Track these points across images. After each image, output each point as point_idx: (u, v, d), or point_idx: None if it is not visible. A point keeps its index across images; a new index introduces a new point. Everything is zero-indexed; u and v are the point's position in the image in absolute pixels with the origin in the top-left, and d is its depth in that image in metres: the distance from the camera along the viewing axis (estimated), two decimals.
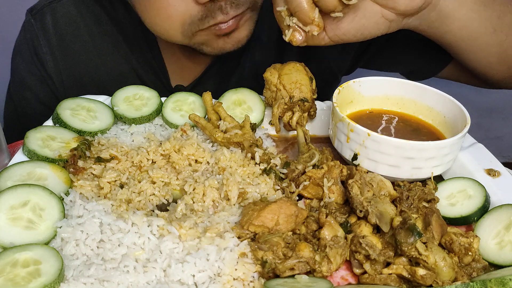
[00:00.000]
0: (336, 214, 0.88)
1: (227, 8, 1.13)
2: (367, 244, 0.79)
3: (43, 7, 1.46)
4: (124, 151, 1.02)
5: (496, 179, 0.98)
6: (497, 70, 1.17)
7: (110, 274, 0.76)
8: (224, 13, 1.14)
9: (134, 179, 0.97)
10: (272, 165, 0.99)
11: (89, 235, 0.82)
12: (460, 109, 1.01)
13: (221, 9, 1.13)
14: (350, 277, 0.82)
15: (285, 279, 0.77)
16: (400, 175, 0.95)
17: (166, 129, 1.15)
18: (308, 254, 0.79)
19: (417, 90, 1.09)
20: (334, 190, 0.93)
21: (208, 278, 0.78)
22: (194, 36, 1.20)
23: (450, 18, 1.05)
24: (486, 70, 1.19)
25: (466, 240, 0.81)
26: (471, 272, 0.80)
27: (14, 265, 0.74)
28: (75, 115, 1.11)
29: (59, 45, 1.46)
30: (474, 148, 1.06)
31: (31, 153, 0.98)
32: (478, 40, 1.10)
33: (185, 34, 1.19)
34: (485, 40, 1.10)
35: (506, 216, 0.85)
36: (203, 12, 1.13)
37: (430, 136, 1.04)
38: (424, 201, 0.89)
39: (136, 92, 1.20)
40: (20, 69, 1.52)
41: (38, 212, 0.84)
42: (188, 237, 0.83)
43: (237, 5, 1.15)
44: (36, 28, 1.45)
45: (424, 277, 0.76)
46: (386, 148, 0.92)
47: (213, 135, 1.06)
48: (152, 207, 0.92)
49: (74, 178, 0.95)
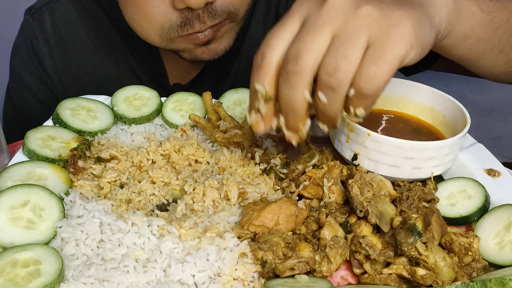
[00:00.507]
0: (336, 214, 0.88)
1: (204, 17, 1.13)
2: (367, 244, 0.79)
3: (42, 7, 1.46)
4: (124, 151, 1.02)
5: (496, 179, 0.98)
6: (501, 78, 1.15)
7: (110, 274, 0.76)
8: (201, 22, 1.14)
9: (134, 179, 0.97)
10: (272, 165, 0.99)
11: (89, 235, 0.82)
12: (460, 109, 1.01)
13: (199, 17, 1.13)
14: (350, 277, 0.82)
15: (285, 279, 0.77)
16: (400, 175, 0.95)
17: (166, 129, 1.15)
18: (308, 254, 0.79)
19: (417, 90, 1.09)
20: (334, 190, 0.93)
21: (208, 278, 0.78)
22: (173, 42, 1.21)
23: (455, 50, 0.99)
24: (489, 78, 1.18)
25: (466, 240, 0.81)
26: (471, 272, 0.80)
27: (14, 265, 0.74)
28: (75, 115, 1.11)
29: (58, 45, 1.47)
30: (474, 148, 1.06)
31: (31, 153, 0.98)
32: (484, 60, 1.04)
33: (163, 38, 1.19)
34: (492, 59, 1.04)
35: (506, 216, 0.85)
36: (182, 19, 1.13)
37: (430, 136, 1.04)
38: (424, 201, 0.89)
39: (136, 92, 1.20)
40: (18, 69, 1.53)
41: (38, 212, 0.84)
42: (188, 237, 0.83)
43: (214, 15, 1.14)
44: (34, 28, 1.46)
45: (424, 277, 0.76)
46: (386, 148, 0.92)
47: (213, 135, 1.06)
48: (152, 207, 0.92)
49: (74, 178, 0.95)
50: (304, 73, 0.73)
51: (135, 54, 1.46)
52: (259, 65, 0.76)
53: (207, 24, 1.15)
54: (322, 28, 0.72)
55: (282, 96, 0.76)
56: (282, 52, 0.75)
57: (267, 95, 0.76)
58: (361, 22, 0.72)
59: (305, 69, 0.72)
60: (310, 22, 0.74)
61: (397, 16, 0.73)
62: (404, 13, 0.74)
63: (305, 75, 0.73)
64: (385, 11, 0.73)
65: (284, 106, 0.76)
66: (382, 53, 0.72)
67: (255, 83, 0.77)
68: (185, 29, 1.15)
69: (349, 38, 0.71)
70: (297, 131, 0.80)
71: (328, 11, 0.73)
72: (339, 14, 0.73)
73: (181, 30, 1.15)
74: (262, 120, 0.79)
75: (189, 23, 1.14)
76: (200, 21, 1.13)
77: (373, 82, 0.72)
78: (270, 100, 0.77)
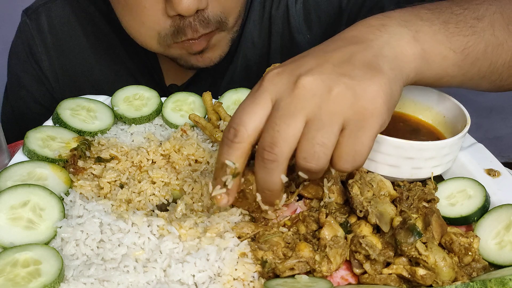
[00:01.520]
0: (336, 214, 0.88)
1: (196, 26, 1.15)
2: (367, 244, 0.79)
3: (38, 7, 1.47)
4: (124, 151, 1.02)
5: (496, 179, 0.98)
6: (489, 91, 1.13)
7: (110, 274, 0.76)
8: (193, 30, 1.15)
9: (134, 179, 0.97)
10: None
11: (89, 235, 0.82)
12: (460, 109, 1.01)
13: (190, 25, 1.14)
14: (350, 277, 0.82)
15: (285, 279, 0.77)
16: (400, 175, 0.95)
17: (166, 129, 1.15)
18: (308, 254, 0.79)
19: (417, 90, 1.09)
20: (334, 190, 0.93)
21: (208, 278, 0.78)
22: (170, 48, 1.23)
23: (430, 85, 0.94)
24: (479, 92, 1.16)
25: (466, 240, 0.81)
26: (471, 272, 0.80)
27: (14, 265, 0.74)
28: (75, 115, 1.11)
29: (54, 45, 1.47)
30: (474, 148, 1.06)
31: (31, 153, 0.98)
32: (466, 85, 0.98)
33: (161, 44, 1.21)
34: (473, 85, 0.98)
35: (506, 216, 0.85)
36: (174, 27, 1.15)
37: (430, 136, 1.04)
38: (424, 201, 0.89)
39: (136, 92, 1.20)
40: (16, 69, 1.54)
41: (38, 212, 0.84)
42: (188, 237, 0.83)
43: (207, 23, 1.16)
44: (31, 28, 1.46)
45: (424, 277, 0.76)
46: (386, 148, 0.92)
47: (213, 135, 1.06)
48: (152, 207, 0.92)
49: (74, 178, 0.95)
50: (280, 160, 0.73)
51: (131, 54, 1.47)
52: (231, 142, 0.75)
53: (200, 32, 1.17)
54: (296, 115, 0.72)
55: (258, 178, 0.76)
56: (254, 129, 0.74)
57: (235, 170, 0.76)
58: (335, 108, 0.71)
59: (281, 156, 0.73)
60: (282, 106, 0.73)
61: (370, 94, 0.72)
62: (377, 89, 0.72)
63: (281, 161, 0.73)
64: (357, 90, 0.72)
65: (260, 187, 0.77)
66: (358, 136, 0.72)
67: (225, 159, 0.76)
68: (178, 37, 1.17)
69: (324, 124, 0.71)
70: (273, 205, 0.81)
71: (300, 96, 0.72)
72: (311, 99, 0.72)
73: (175, 37, 1.18)
74: (227, 194, 0.78)
75: (182, 31, 1.16)
76: (192, 29, 1.15)
77: (353, 162, 0.74)
78: (238, 175, 0.77)
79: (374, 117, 0.73)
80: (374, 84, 0.73)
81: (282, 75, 0.75)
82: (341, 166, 0.75)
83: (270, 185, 0.76)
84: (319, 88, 0.72)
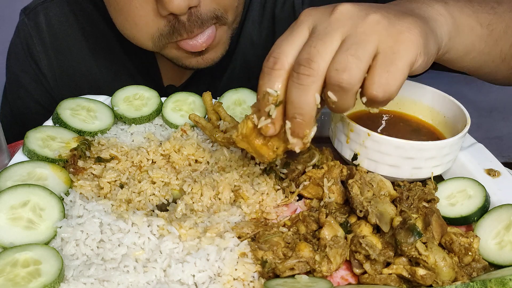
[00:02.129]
0: (336, 214, 0.88)
1: (190, 26, 1.14)
2: (367, 244, 0.79)
3: (36, 7, 1.47)
4: (124, 151, 1.02)
5: (496, 179, 0.98)
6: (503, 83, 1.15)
7: (110, 274, 0.76)
8: (188, 30, 1.15)
9: (134, 179, 0.97)
10: (272, 165, 0.99)
11: (89, 235, 0.82)
12: (460, 109, 1.01)
13: (184, 26, 1.13)
14: (350, 277, 0.82)
15: (285, 279, 0.77)
16: (400, 175, 0.95)
17: (166, 129, 1.15)
18: (308, 254, 0.79)
19: (417, 90, 1.09)
20: (334, 190, 0.93)
21: (208, 278, 0.78)
22: (166, 48, 1.22)
23: (457, 63, 0.99)
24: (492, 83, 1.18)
25: (466, 240, 0.81)
26: (471, 272, 0.80)
27: (14, 265, 0.74)
28: (75, 115, 1.11)
29: (53, 44, 1.47)
30: (474, 148, 1.06)
31: (31, 153, 0.98)
32: (486, 69, 1.05)
33: (156, 45, 1.20)
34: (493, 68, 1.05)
35: (506, 216, 0.85)
36: (169, 27, 1.14)
37: (430, 136, 1.04)
38: (424, 201, 0.89)
39: (136, 92, 1.20)
40: (14, 69, 1.53)
41: (38, 212, 0.84)
42: (188, 237, 0.83)
43: (201, 22, 1.15)
44: (29, 28, 1.46)
45: (424, 277, 0.76)
46: (386, 148, 0.92)
47: (213, 135, 1.06)
48: (152, 207, 0.92)
49: (74, 178, 0.95)
50: (316, 76, 0.73)
51: (130, 54, 1.47)
52: (271, 70, 0.76)
53: (195, 32, 1.16)
54: (333, 33, 0.74)
55: (291, 100, 0.75)
56: (294, 58, 0.76)
57: (278, 98, 0.76)
58: (370, 28, 0.74)
59: (318, 71, 0.73)
60: (320, 29, 0.75)
61: (405, 24, 0.75)
62: (412, 21, 0.75)
63: (317, 78, 0.73)
64: (392, 20, 0.75)
65: (292, 111, 0.76)
66: (393, 60, 0.73)
67: (266, 87, 0.76)
68: (173, 37, 1.17)
69: (359, 40, 0.73)
70: (303, 138, 0.79)
71: (338, 18, 0.75)
72: (348, 20, 0.75)
73: (170, 37, 1.17)
74: (272, 123, 0.79)
75: (177, 31, 1.15)
76: (187, 29, 1.14)
77: (386, 89, 0.74)
78: (280, 104, 0.77)
79: (410, 42, 0.73)
80: (409, 19, 0.76)
81: (318, 9, 0.78)
82: (373, 91, 0.73)
83: (304, 105, 0.75)
84: (356, 12, 0.75)
